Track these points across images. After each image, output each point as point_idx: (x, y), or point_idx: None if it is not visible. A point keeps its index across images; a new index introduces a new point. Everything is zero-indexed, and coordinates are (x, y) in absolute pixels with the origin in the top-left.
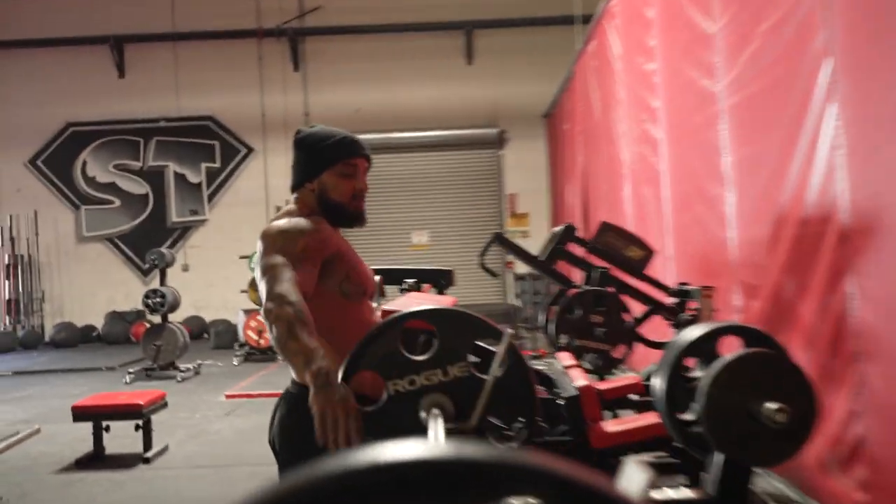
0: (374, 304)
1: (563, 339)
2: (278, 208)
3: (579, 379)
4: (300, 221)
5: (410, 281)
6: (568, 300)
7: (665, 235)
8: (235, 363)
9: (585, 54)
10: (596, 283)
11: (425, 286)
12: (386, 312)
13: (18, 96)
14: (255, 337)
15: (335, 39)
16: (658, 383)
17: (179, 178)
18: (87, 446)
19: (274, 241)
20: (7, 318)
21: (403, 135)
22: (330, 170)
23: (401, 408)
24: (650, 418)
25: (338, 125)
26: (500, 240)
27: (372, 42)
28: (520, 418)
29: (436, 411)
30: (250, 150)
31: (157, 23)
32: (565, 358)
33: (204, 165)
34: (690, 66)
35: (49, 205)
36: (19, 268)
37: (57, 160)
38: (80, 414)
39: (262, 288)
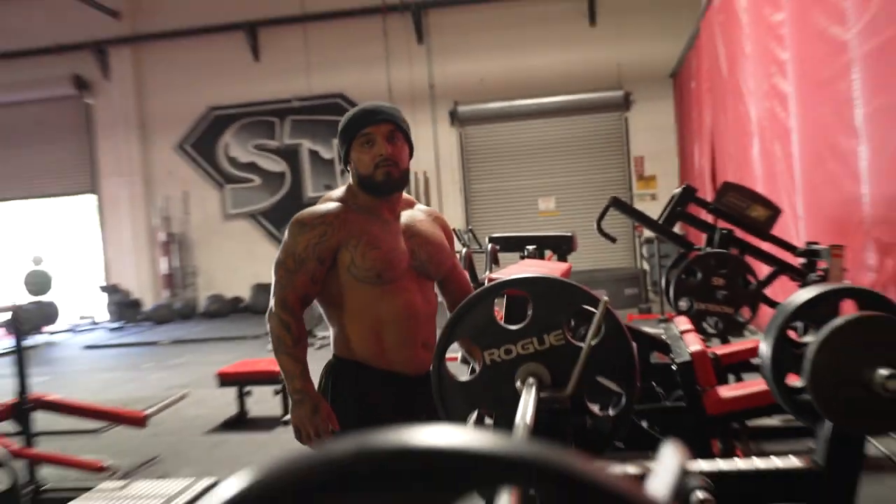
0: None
1: (683, 303)
2: None
3: (693, 344)
4: (309, 214)
5: (531, 248)
6: (688, 263)
7: (795, 194)
8: None
9: (711, 9)
10: (718, 244)
11: (548, 252)
12: (492, 281)
13: (164, 85)
14: None
15: (457, 11)
16: (764, 348)
17: (313, 154)
18: (233, 409)
19: (285, 239)
20: (165, 291)
21: (528, 102)
22: (354, 147)
23: (497, 377)
24: None
25: (462, 95)
26: (618, 204)
27: (494, 11)
28: (620, 386)
29: (531, 380)
30: None
31: (288, 6)
32: (682, 322)
33: (335, 141)
34: (819, 13)
35: (197, 185)
36: (174, 245)
37: (202, 143)
38: (224, 380)
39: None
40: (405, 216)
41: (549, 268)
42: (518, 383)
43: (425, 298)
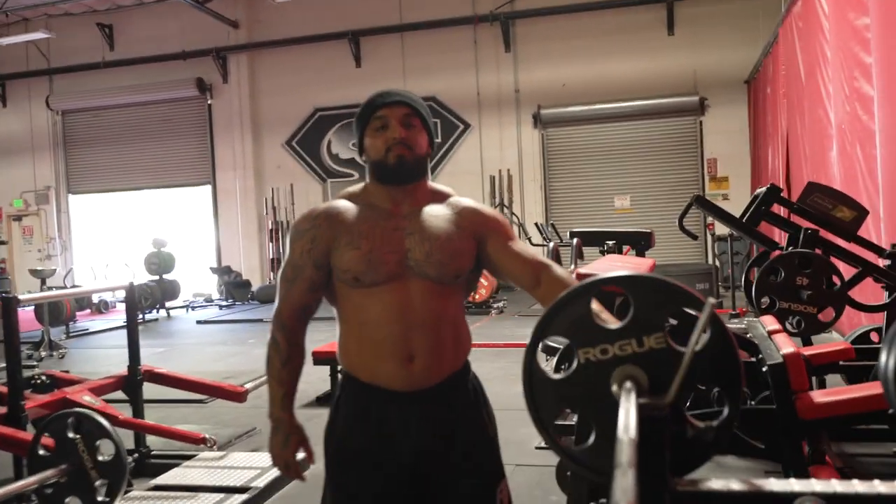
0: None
1: (765, 302)
2: (492, 177)
3: (786, 345)
4: (303, 218)
5: (610, 243)
6: (771, 262)
7: (877, 196)
8: None
9: (791, 15)
10: (802, 244)
11: (626, 248)
12: (581, 276)
13: (276, 88)
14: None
15: (543, 21)
16: (888, 358)
17: None
18: (326, 386)
19: (288, 246)
20: (271, 273)
21: (607, 106)
22: (367, 133)
23: (591, 377)
24: (868, 389)
25: (545, 100)
26: (701, 202)
27: (577, 21)
28: (723, 396)
29: (628, 384)
30: (467, 125)
31: (387, 17)
32: (769, 322)
33: None
34: None
35: (302, 179)
36: (279, 232)
37: (307, 141)
38: (318, 358)
39: None
40: (421, 211)
41: (634, 263)
42: (614, 386)
43: (424, 304)
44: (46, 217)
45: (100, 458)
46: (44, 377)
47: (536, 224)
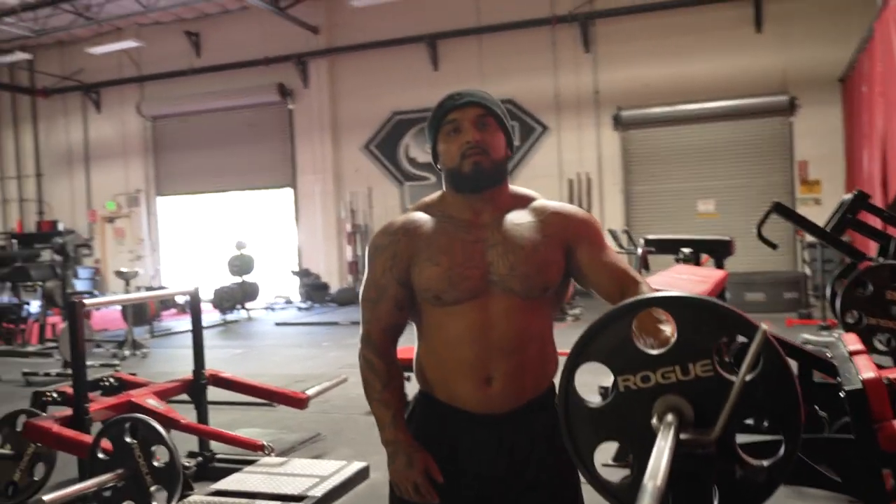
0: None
1: (851, 318)
2: (570, 181)
3: (867, 369)
4: (381, 233)
5: (686, 251)
6: (858, 274)
7: None
8: None
9: (888, 9)
10: (893, 255)
11: (703, 256)
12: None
13: (354, 92)
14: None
15: (624, 20)
16: None
17: None
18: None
19: (368, 264)
20: (349, 276)
21: (690, 107)
22: (440, 138)
23: (631, 407)
24: None
25: (626, 101)
26: (780, 209)
27: (659, 19)
28: (780, 431)
29: (670, 417)
30: (545, 128)
31: (465, 19)
32: (852, 341)
33: None
34: None
35: (379, 182)
36: (358, 235)
37: (385, 144)
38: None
39: None
40: (503, 219)
41: (701, 276)
42: (654, 419)
43: (508, 322)
44: (137, 219)
45: (155, 463)
46: (112, 380)
47: (611, 231)
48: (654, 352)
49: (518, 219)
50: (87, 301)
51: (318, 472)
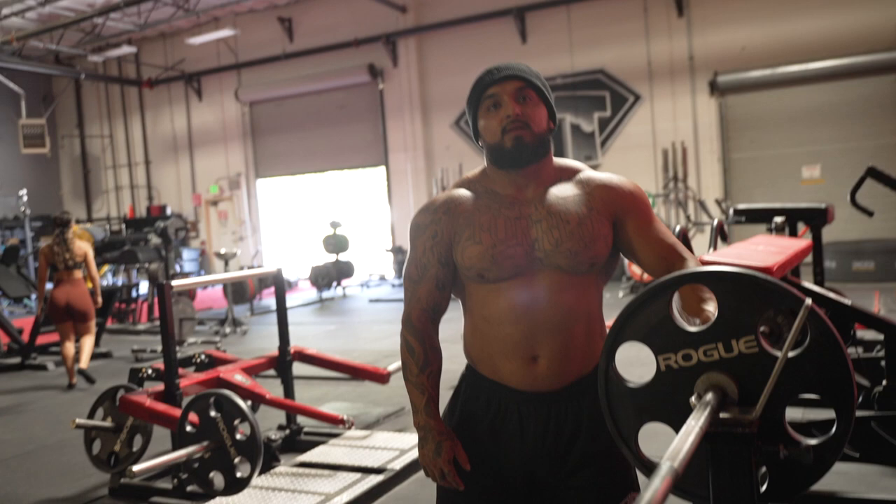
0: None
1: None
2: (665, 151)
3: None
4: (422, 212)
5: (779, 220)
6: None
7: None
8: (620, 295)
9: None
10: None
11: (801, 226)
12: (705, 263)
13: (443, 69)
14: (638, 271)
15: None
16: None
17: (575, 128)
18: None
19: (410, 243)
20: None
21: (792, 68)
22: (480, 114)
23: (673, 386)
24: None
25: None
26: (874, 174)
27: None
28: (832, 409)
29: (708, 396)
30: (637, 97)
31: None
32: None
33: (596, 115)
34: None
35: (470, 158)
36: None
37: None
38: None
39: None
40: (547, 193)
41: (779, 246)
42: (694, 397)
43: (554, 299)
44: (238, 201)
45: (238, 437)
46: (203, 356)
47: (700, 201)
48: (695, 329)
49: (563, 192)
50: (174, 283)
51: (399, 445)
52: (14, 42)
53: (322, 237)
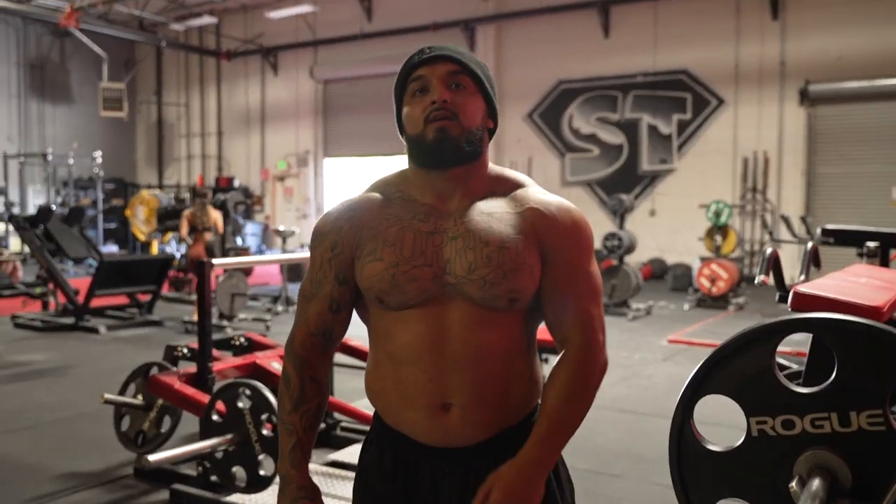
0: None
1: None
2: (745, 159)
3: None
4: (324, 218)
5: (872, 245)
6: None
7: None
8: (686, 307)
9: None
10: None
11: (893, 252)
12: (800, 296)
13: (520, 59)
14: (707, 284)
15: None
16: None
17: (652, 129)
18: None
19: (309, 253)
20: None
21: (891, 82)
22: (404, 101)
23: (765, 458)
24: None
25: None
26: None
27: None
28: None
29: (816, 484)
30: (721, 101)
31: None
32: None
33: (675, 117)
34: None
35: (540, 153)
36: None
37: (548, 114)
38: None
39: None
40: (472, 207)
41: (887, 280)
42: (795, 481)
43: (464, 336)
44: (304, 179)
45: (264, 432)
46: (242, 339)
47: (783, 217)
48: (804, 390)
49: (490, 207)
50: (214, 262)
51: None
52: (100, 5)
53: None
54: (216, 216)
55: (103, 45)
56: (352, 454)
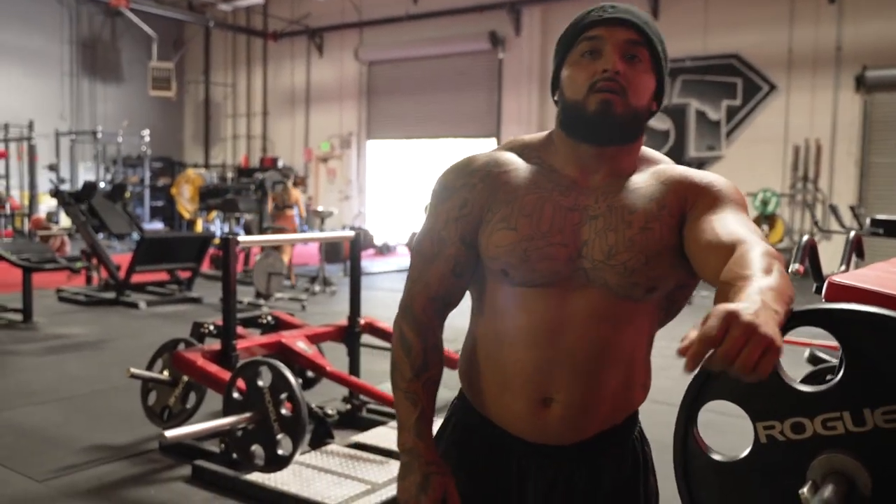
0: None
1: None
2: (796, 147)
3: None
4: (455, 169)
5: None
6: None
7: None
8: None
9: None
10: None
11: None
12: (836, 287)
13: None
14: None
15: None
16: None
17: (700, 115)
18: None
19: (430, 206)
20: None
21: None
22: (567, 60)
23: (776, 466)
24: None
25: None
26: None
27: None
28: None
29: (829, 491)
30: (773, 87)
31: None
32: None
33: (725, 103)
34: None
35: None
36: None
37: None
38: None
39: None
40: (616, 185)
41: None
42: (807, 487)
43: (589, 326)
44: (347, 160)
45: (283, 411)
46: (270, 318)
47: (831, 206)
48: (811, 389)
49: (633, 184)
50: (239, 239)
51: None
52: None
53: (425, 204)
54: (297, 195)
55: (153, 24)
56: (376, 436)
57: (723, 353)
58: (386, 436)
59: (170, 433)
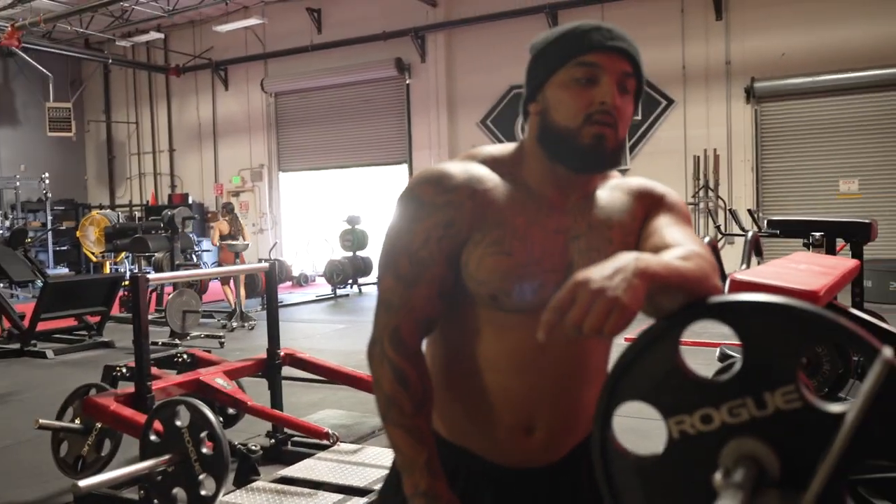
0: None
1: None
2: (696, 157)
3: None
4: (432, 182)
5: (817, 235)
6: None
7: None
8: None
9: None
10: None
11: (839, 242)
12: (737, 283)
13: (472, 66)
14: None
15: None
16: None
17: None
18: None
19: (394, 224)
20: None
21: (833, 77)
22: (555, 78)
23: (690, 459)
24: None
25: (760, 72)
26: None
27: None
28: None
29: (739, 474)
30: (670, 101)
31: None
32: None
33: None
34: None
35: None
36: None
37: (502, 119)
38: None
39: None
40: (588, 202)
41: (824, 266)
42: (719, 474)
43: (570, 351)
44: (260, 193)
45: (203, 450)
46: (185, 356)
47: (731, 210)
48: (715, 380)
49: (603, 201)
50: (149, 277)
51: (388, 462)
52: (42, 24)
53: (339, 233)
54: (241, 224)
55: (48, 64)
56: (303, 469)
57: (571, 319)
58: (313, 468)
59: (83, 483)
